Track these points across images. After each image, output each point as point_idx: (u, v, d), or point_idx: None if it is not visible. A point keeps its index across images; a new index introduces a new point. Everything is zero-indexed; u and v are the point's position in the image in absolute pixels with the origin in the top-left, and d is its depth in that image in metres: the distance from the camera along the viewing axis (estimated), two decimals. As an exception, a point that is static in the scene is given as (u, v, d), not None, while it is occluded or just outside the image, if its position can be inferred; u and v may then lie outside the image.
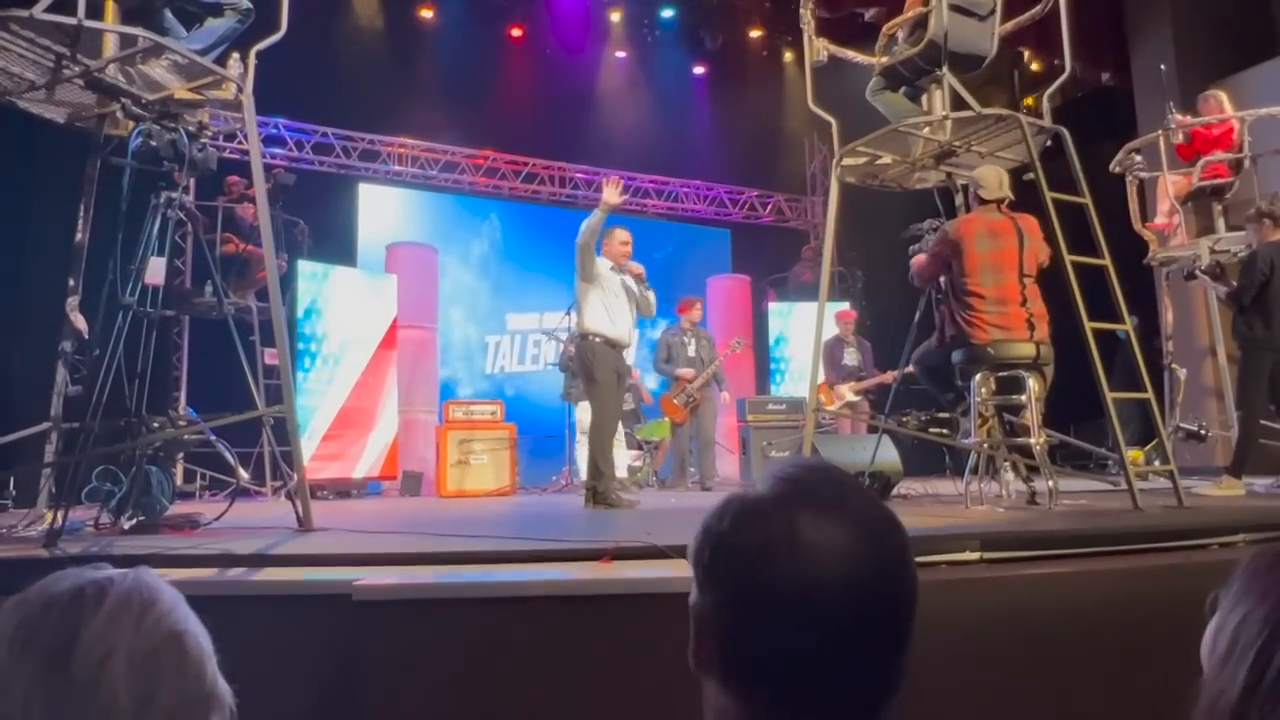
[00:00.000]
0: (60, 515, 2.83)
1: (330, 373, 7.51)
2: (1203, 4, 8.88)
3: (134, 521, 3.31)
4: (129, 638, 0.73)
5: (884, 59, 4.27)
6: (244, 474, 5.59)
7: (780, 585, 0.70)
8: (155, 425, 3.53)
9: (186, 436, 4.04)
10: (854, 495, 0.75)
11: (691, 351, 7.75)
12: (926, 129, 4.19)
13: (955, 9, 3.95)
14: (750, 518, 0.74)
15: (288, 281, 7.10)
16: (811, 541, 0.70)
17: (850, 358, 7.97)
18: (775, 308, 10.58)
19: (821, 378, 7.82)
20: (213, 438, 5.06)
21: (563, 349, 8.08)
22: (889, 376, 5.10)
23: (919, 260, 4.26)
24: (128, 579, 0.78)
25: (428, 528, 3.45)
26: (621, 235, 5.23)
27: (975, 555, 2.38)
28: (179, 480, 6.13)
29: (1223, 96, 6.12)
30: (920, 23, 4.05)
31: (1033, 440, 3.77)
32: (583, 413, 7.75)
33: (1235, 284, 4.94)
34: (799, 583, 0.70)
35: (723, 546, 0.74)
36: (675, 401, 7.63)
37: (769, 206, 12.03)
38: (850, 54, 4.70)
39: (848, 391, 7.78)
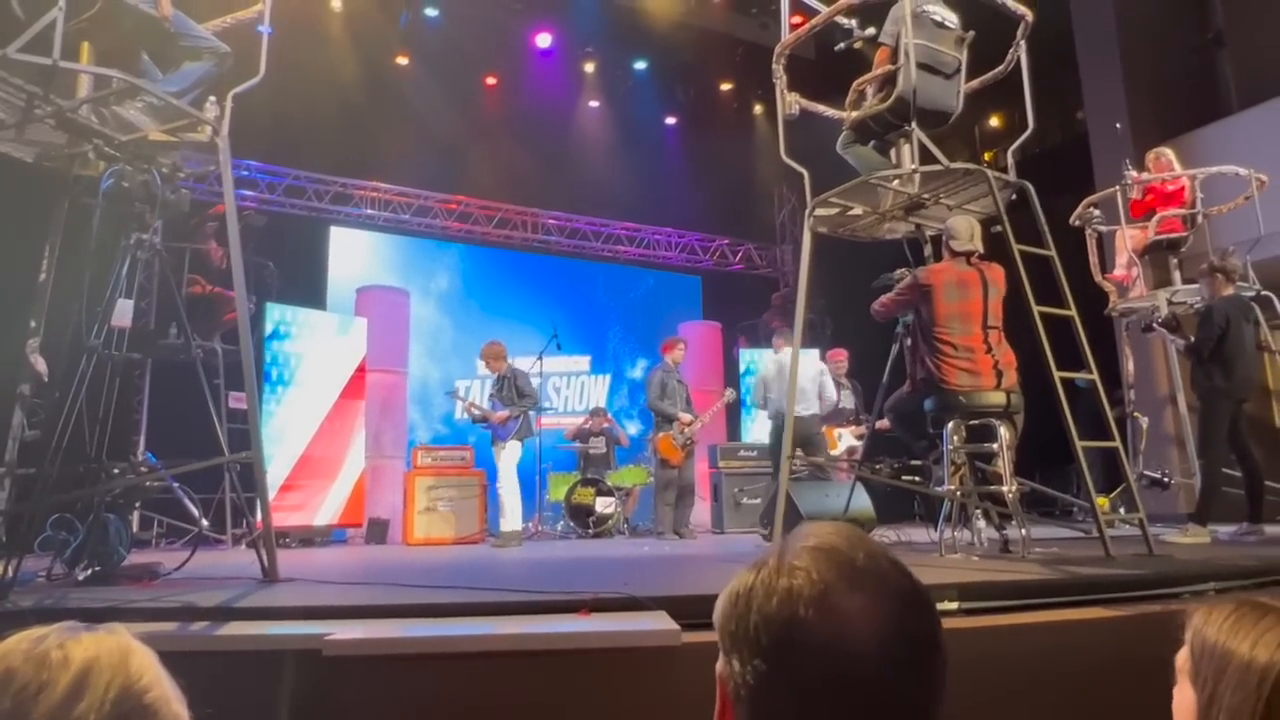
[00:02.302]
0: (12, 566, 2.71)
1: (294, 418, 7.37)
2: (1154, 67, 9.29)
3: (89, 572, 3.19)
4: (97, 707, 0.69)
5: (854, 113, 4.38)
6: (204, 522, 5.43)
7: (813, 654, 0.69)
8: (115, 471, 3.42)
9: (148, 483, 3.92)
10: (888, 565, 0.74)
11: (685, 393, 7.70)
12: (896, 181, 4.29)
13: (922, 67, 4.08)
14: (784, 585, 0.72)
15: (255, 324, 7.00)
16: (845, 611, 0.69)
17: (845, 400, 7.64)
18: (746, 354, 10.65)
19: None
20: (174, 484, 4.92)
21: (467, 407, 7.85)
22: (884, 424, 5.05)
23: (884, 299, 4.33)
24: (98, 639, 0.74)
25: (399, 578, 3.36)
26: None
27: (953, 605, 2.37)
28: (134, 528, 5.92)
29: (1171, 154, 6.35)
30: (889, 79, 4.17)
31: (1005, 488, 3.81)
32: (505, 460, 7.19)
33: (1193, 337, 5.08)
34: (832, 652, 0.69)
35: (753, 614, 0.72)
36: (675, 442, 7.44)
37: (739, 254, 12.20)
38: (821, 108, 4.82)
39: (849, 435, 7.58)
